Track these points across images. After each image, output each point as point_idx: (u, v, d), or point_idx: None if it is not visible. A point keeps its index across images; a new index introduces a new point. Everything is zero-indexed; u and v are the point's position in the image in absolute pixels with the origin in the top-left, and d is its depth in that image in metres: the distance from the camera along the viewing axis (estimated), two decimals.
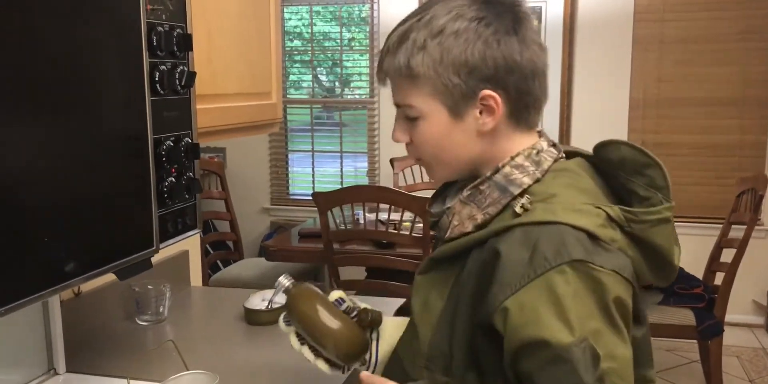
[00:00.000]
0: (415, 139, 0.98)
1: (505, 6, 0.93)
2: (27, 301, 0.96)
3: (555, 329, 0.80)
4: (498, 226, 0.90)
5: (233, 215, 3.75)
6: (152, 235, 1.21)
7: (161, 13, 1.22)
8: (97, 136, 1.08)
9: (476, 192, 0.95)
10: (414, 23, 0.93)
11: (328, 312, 1.11)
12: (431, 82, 0.93)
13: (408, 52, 0.93)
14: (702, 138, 3.94)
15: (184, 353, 1.39)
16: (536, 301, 0.82)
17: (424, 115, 0.95)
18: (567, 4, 4.00)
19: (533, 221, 0.87)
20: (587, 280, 0.83)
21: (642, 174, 0.93)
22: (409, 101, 0.96)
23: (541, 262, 0.83)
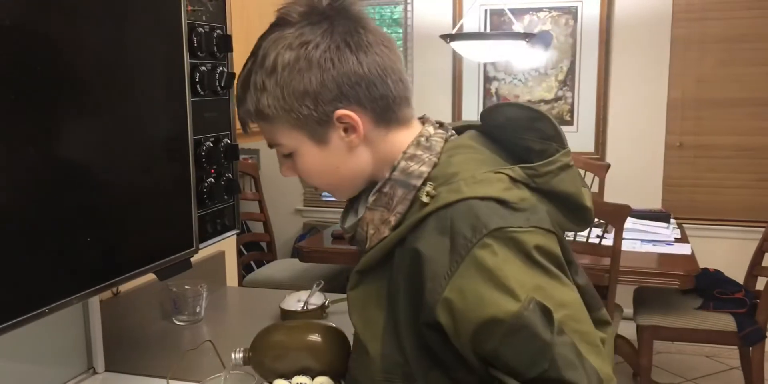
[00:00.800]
0: (299, 172, 0.98)
1: (331, 20, 0.91)
2: (70, 301, 0.97)
3: (500, 303, 0.80)
4: (411, 221, 0.88)
5: (267, 216, 3.77)
6: (192, 236, 1.22)
7: (201, 14, 1.22)
8: (138, 136, 1.09)
9: (381, 195, 0.93)
10: (252, 66, 0.93)
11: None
12: (284, 119, 0.92)
13: (253, 98, 0.92)
14: (743, 139, 3.86)
15: (222, 354, 1.39)
16: (472, 282, 0.81)
17: (295, 150, 0.95)
18: (603, 4, 3.94)
19: (441, 205, 0.86)
20: (511, 245, 0.82)
21: (532, 128, 0.93)
22: (275, 140, 0.96)
23: (463, 243, 0.82)
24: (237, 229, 1.38)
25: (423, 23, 4.27)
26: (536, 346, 0.80)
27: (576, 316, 0.83)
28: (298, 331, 1.16)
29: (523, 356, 0.81)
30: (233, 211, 1.36)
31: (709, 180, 3.88)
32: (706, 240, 3.76)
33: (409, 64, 4.39)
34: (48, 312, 0.93)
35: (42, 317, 0.92)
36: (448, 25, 4.17)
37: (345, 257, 3.22)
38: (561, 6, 4.03)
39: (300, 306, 1.74)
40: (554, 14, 4.05)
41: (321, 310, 1.74)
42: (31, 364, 1.33)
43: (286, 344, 1.13)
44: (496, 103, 0.97)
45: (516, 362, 0.81)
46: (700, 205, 3.89)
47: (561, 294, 0.83)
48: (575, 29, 4.03)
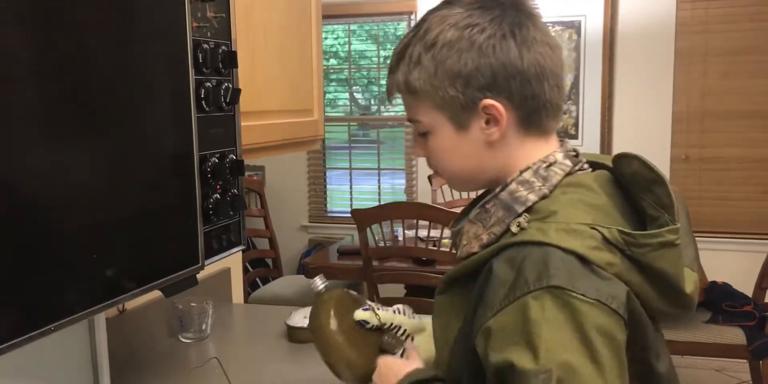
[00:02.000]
0: (429, 152, 0.96)
1: (503, 9, 0.88)
2: (76, 318, 0.96)
3: (521, 354, 0.76)
4: (494, 247, 0.86)
5: (272, 233, 3.76)
6: (198, 252, 1.21)
7: (207, 30, 1.22)
8: (144, 152, 1.09)
9: (483, 211, 0.92)
10: (411, 38, 0.92)
11: (339, 329, 1.07)
12: (430, 97, 0.90)
13: (406, 69, 0.91)
14: (749, 151, 3.85)
15: (228, 371, 1.38)
16: (511, 324, 0.78)
17: (432, 130, 0.93)
18: (607, 16, 3.96)
19: (522, 241, 0.83)
20: (564, 309, 0.77)
21: (650, 191, 0.86)
22: (416, 116, 0.94)
23: (522, 285, 0.79)
24: (243, 245, 1.37)
25: None
26: None
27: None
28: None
29: None
30: (239, 226, 1.35)
31: (715, 192, 3.87)
32: (714, 253, 3.74)
33: None
34: (54, 329, 0.93)
35: (48, 335, 0.92)
36: None
37: (351, 273, 3.21)
38: (564, 20, 4.05)
39: (306, 322, 1.73)
40: (558, 29, 4.07)
41: None
42: (37, 381, 1.32)
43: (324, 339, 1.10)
44: (628, 152, 0.89)
45: None
46: (707, 218, 3.87)
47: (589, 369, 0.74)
48: (579, 43, 4.05)
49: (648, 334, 0.84)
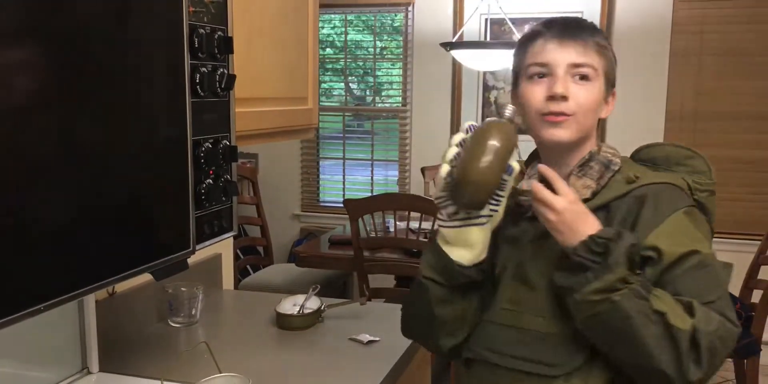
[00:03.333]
0: (579, 96, 1.17)
1: None
2: (66, 299, 0.97)
3: (698, 245, 1.10)
4: (619, 191, 1.17)
5: (264, 221, 3.77)
6: (189, 237, 1.22)
7: (203, 15, 1.22)
8: (137, 136, 1.09)
9: (587, 169, 1.21)
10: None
11: (497, 151, 1.08)
12: (609, 54, 1.21)
13: (603, 36, 1.23)
14: (740, 152, 3.87)
15: (216, 356, 1.39)
16: (676, 229, 1.12)
17: (595, 78, 1.19)
18: (603, 15, 3.97)
19: (652, 182, 1.17)
20: (701, 218, 1.18)
21: (683, 164, 1.24)
22: (592, 62, 1.18)
23: (668, 207, 1.14)
24: (234, 231, 1.38)
25: (424, 31, 4.29)
26: (713, 281, 1.09)
27: None
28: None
29: (700, 285, 1.07)
30: (230, 212, 1.36)
31: None
32: None
33: (409, 72, 4.40)
34: (43, 309, 0.93)
35: (37, 314, 0.92)
36: (449, 33, 4.18)
37: (342, 263, 3.23)
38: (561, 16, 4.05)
39: (296, 310, 1.75)
40: None
41: (317, 314, 1.74)
42: (26, 363, 1.33)
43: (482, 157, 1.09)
44: (656, 142, 1.30)
45: (690, 288, 1.07)
46: None
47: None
48: None
49: None
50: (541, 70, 1.19)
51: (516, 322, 1.17)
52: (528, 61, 1.21)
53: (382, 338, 1.62)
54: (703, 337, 1.01)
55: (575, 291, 1.07)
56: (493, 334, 1.21)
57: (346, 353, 1.56)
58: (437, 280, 1.20)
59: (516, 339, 1.17)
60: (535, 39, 1.21)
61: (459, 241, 1.17)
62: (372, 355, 1.55)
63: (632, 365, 1.07)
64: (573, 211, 1.09)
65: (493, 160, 1.08)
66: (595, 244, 1.06)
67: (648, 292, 1.04)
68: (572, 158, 1.22)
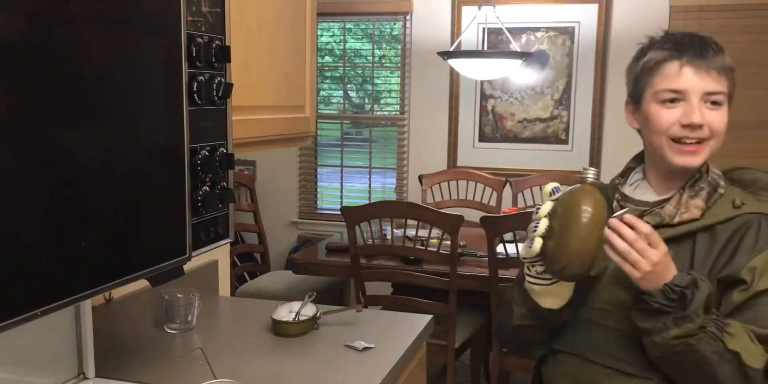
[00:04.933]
0: (714, 121, 1.22)
1: None
2: (63, 304, 0.98)
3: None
4: (724, 216, 1.22)
5: (261, 228, 3.78)
6: (185, 243, 1.23)
7: (201, 24, 1.24)
8: (135, 143, 1.10)
9: (696, 188, 1.25)
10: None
11: (593, 222, 1.10)
12: (733, 77, 1.26)
13: (728, 60, 1.27)
14: (738, 161, 3.85)
15: (212, 362, 1.40)
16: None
17: (725, 102, 1.24)
18: (600, 23, 3.99)
19: (754, 212, 1.22)
20: None
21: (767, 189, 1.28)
22: (724, 89, 1.23)
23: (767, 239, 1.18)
24: (230, 237, 1.39)
25: (421, 40, 4.32)
26: None
27: None
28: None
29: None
30: (227, 219, 1.37)
31: None
32: None
33: (407, 81, 4.43)
34: (40, 314, 0.94)
35: (34, 319, 0.93)
36: (447, 42, 4.21)
37: (339, 271, 3.23)
38: (558, 26, 4.08)
39: (291, 316, 1.75)
40: (551, 34, 4.10)
41: (313, 321, 1.75)
42: (22, 368, 1.33)
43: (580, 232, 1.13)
44: (750, 166, 1.34)
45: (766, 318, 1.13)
46: None
47: None
48: (572, 49, 4.08)
49: None
50: (675, 96, 1.22)
51: (614, 323, 1.23)
52: (660, 85, 1.24)
53: (378, 345, 1.63)
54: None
55: (653, 334, 1.13)
56: (591, 332, 1.27)
57: (342, 360, 1.57)
58: (532, 324, 1.30)
59: (615, 339, 1.23)
60: (668, 61, 1.23)
61: (548, 294, 1.24)
62: (367, 361, 1.56)
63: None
64: (664, 263, 1.12)
65: (588, 236, 1.10)
66: (672, 292, 1.11)
67: (722, 331, 1.11)
68: (685, 175, 1.27)
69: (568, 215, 1.11)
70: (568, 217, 1.10)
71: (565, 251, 1.11)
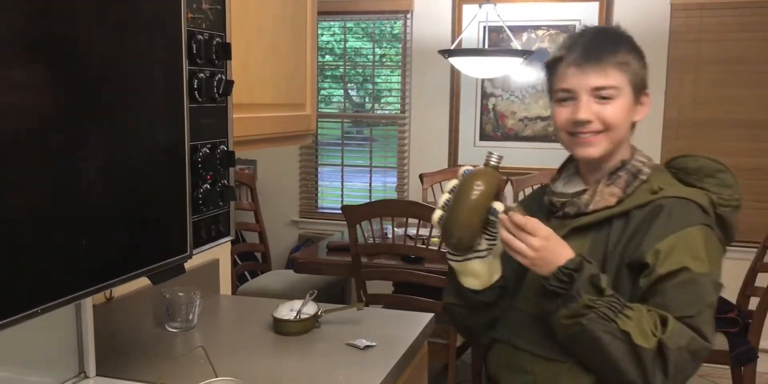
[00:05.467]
0: (606, 114, 1.27)
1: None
2: (64, 302, 0.97)
3: (693, 263, 1.16)
4: (641, 200, 1.25)
5: (262, 227, 3.77)
6: (186, 241, 1.22)
7: (201, 21, 1.24)
8: (135, 141, 1.10)
9: (615, 177, 1.29)
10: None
11: (480, 198, 1.21)
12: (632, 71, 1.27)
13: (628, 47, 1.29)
14: (738, 160, 3.87)
15: (213, 360, 1.39)
16: (680, 244, 1.18)
17: (619, 96, 1.27)
18: (601, 22, 3.98)
19: (673, 196, 1.24)
20: (711, 237, 1.22)
21: (714, 176, 1.31)
22: (612, 83, 1.26)
23: (683, 222, 1.20)
24: (231, 235, 1.39)
25: (422, 39, 4.31)
26: (696, 298, 1.16)
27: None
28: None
29: (682, 301, 1.15)
30: (228, 217, 1.36)
31: None
32: None
33: (408, 79, 4.42)
34: (40, 312, 0.94)
35: (34, 317, 0.93)
36: (447, 40, 4.20)
37: (340, 269, 3.23)
38: (559, 24, 4.07)
39: (293, 315, 1.75)
40: (552, 32, 4.09)
41: (314, 319, 1.74)
42: (23, 367, 1.33)
43: (461, 204, 1.24)
44: (692, 153, 1.36)
45: (674, 302, 1.15)
46: None
47: (719, 281, 1.20)
48: None
49: None
50: (566, 95, 1.30)
51: (537, 310, 1.27)
52: (556, 85, 1.32)
53: (379, 344, 1.63)
54: (670, 352, 1.12)
55: (551, 315, 1.21)
56: (518, 319, 1.33)
57: (343, 358, 1.56)
58: (458, 303, 1.38)
59: (536, 325, 1.28)
60: (559, 63, 1.30)
61: (465, 272, 1.32)
62: (368, 360, 1.55)
63: (608, 376, 1.20)
64: (545, 248, 1.20)
65: (473, 208, 1.22)
66: (563, 274, 1.18)
67: (618, 312, 1.15)
68: (605, 165, 1.32)
69: (462, 190, 1.23)
70: (461, 192, 1.22)
71: (454, 223, 1.22)
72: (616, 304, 1.16)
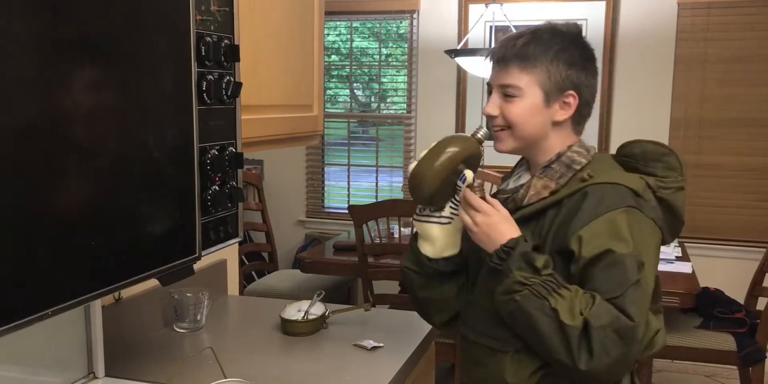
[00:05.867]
0: (508, 111, 1.30)
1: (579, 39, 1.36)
2: (74, 304, 0.98)
3: (616, 245, 1.17)
4: (572, 189, 1.25)
5: (269, 227, 3.78)
6: (195, 242, 1.23)
7: (210, 23, 1.24)
8: (145, 143, 1.10)
9: (548, 170, 1.30)
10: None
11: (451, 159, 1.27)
12: (539, 71, 1.29)
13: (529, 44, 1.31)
14: (745, 159, 3.87)
15: (222, 361, 1.40)
16: (602, 228, 1.19)
17: (523, 96, 1.29)
18: (608, 22, 3.98)
19: (601, 182, 1.24)
20: (638, 219, 1.22)
21: (660, 161, 1.32)
22: (515, 82, 1.29)
23: (605, 207, 1.21)
24: (239, 237, 1.39)
25: (428, 38, 4.31)
26: (621, 279, 1.16)
27: (649, 281, 1.20)
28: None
29: (608, 282, 1.17)
30: (236, 219, 1.37)
31: (710, 199, 3.89)
32: (707, 259, 3.76)
33: (414, 79, 4.42)
34: (51, 314, 0.94)
35: (44, 319, 0.93)
36: (454, 40, 4.20)
37: (346, 269, 3.23)
38: None
39: (300, 315, 1.75)
40: None
41: (321, 320, 1.74)
42: (32, 368, 1.34)
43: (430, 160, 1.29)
44: (636, 139, 1.36)
45: (601, 285, 1.17)
46: (701, 224, 3.89)
47: (650, 262, 1.22)
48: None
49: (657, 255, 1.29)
50: (488, 89, 1.37)
51: (489, 304, 1.29)
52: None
53: (386, 344, 1.63)
54: (594, 331, 1.13)
55: (493, 292, 1.25)
56: (472, 313, 1.38)
57: (350, 359, 1.56)
58: (412, 269, 1.40)
59: (483, 318, 1.33)
60: (487, 59, 1.40)
61: (424, 236, 1.37)
62: (376, 361, 1.55)
63: (546, 358, 1.22)
64: (487, 224, 1.25)
65: (441, 165, 1.26)
66: (502, 253, 1.23)
67: (551, 291, 1.18)
68: (539, 159, 1.34)
69: (438, 147, 1.29)
70: (437, 149, 1.28)
71: (422, 176, 1.28)
72: (551, 283, 1.18)
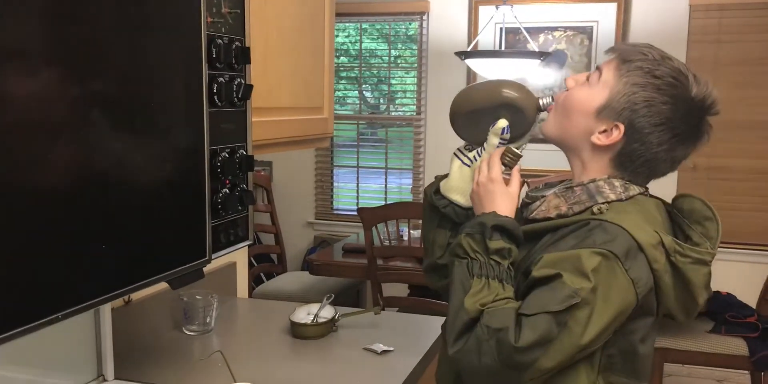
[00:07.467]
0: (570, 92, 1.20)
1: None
2: (84, 307, 0.97)
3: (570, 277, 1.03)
4: (572, 219, 1.13)
5: (278, 228, 3.78)
6: (205, 246, 1.22)
7: (221, 26, 1.23)
8: (155, 146, 1.10)
9: (569, 191, 1.18)
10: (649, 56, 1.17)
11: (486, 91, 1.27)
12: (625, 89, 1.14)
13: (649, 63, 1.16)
14: (757, 162, 3.83)
15: (231, 364, 1.39)
16: (567, 258, 1.05)
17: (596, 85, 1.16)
18: (619, 24, 3.96)
19: (602, 219, 1.09)
20: (612, 269, 1.04)
21: (701, 224, 1.17)
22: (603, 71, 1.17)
23: (587, 243, 1.06)
24: (250, 240, 1.39)
25: (438, 40, 4.30)
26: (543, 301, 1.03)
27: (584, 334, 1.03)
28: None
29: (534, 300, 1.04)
30: (246, 221, 1.36)
31: (722, 202, 3.85)
32: (719, 263, 3.69)
33: (424, 81, 4.41)
34: (61, 318, 0.94)
35: (55, 323, 0.93)
36: (464, 42, 4.19)
37: (355, 271, 3.22)
38: (576, 26, 4.05)
39: (310, 319, 1.74)
40: (569, 34, 4.07)
41: (331, 323, 1.74)
42: (42, 370, 1.33)
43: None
44: (690, 193, 1.22)
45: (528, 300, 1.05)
46: None
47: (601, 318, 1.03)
48: (590, 49, 4.04)
49: (644, 322, 1.12)
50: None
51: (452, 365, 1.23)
52: None
53: (397, 348, 1.62)
54: (478, 327, 1.06)
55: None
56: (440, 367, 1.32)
57: (360, 363, 1.56)
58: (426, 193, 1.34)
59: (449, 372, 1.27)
60: None
61: (450, 169, 1.31)
62: (386, 365, 1.55)
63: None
64: (486, 188, 1.19)
65: (487, 90, 1.25)
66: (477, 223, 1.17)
67: (483, 276, 1.11)
68: (574, 172, 1.24)
69: (497, 82, 1.27)
70: (495, 82, 1.28)
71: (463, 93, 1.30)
72: (493, 268, 1.11)
